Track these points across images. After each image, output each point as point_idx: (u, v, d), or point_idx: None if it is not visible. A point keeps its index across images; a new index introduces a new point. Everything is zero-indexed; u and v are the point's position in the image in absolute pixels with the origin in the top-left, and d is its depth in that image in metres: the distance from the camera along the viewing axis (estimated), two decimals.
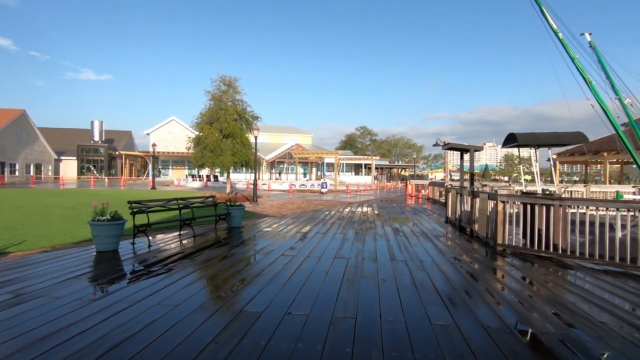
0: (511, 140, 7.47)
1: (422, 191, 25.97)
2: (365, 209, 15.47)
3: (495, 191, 7.06)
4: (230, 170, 46.12)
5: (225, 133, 21.93)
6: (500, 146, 8.21)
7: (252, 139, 24.07)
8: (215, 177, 40.65)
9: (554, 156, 33.48)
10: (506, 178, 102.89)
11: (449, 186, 11.53)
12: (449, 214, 11.11)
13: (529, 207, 6.57)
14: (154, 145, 28.92)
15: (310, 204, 17.40)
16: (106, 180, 40.83)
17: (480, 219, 7.92)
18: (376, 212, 14.18)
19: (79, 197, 18.61)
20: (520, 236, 6.81)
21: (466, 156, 11.24)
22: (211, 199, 9.30)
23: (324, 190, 27.01)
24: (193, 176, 43.69)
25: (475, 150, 9.89)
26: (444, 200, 18.50)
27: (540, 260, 6.22)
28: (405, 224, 10.61)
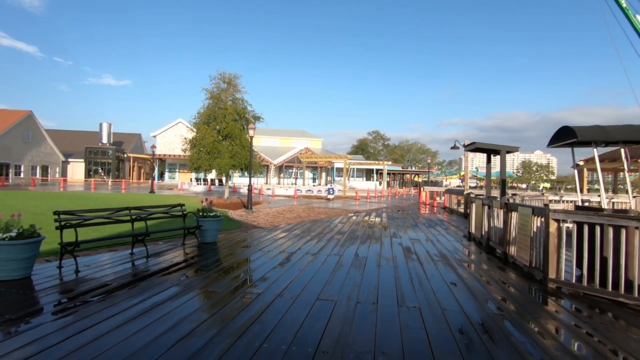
0: (564, 136, 5.52)
1: (437, 199, 23.87)
2: (373, 219, 13.56)
3: (546, 205, 5.11)
4: (237, 174, 44.80)
5: (223, 134, 20.39)
6: (547, 145, 6.28)
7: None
8: (220, 180, 39.26)
9: (581, 162, 30.94)
10: (524, 185, 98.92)
11: (473, 195, 9.55)
12: (473, 230, 9.13)
13: (597, 228, 4.59)
14: (153, 147, 27.71)
15: (312, 212, 15.60)
16: (110, 183, 39.94)
17: (520, 241, 5.96)
18: (385, 223, 12.26)
19: (63, 200, 17.27)
20: (584, 270, 4.83)
21: (494, 160, 9.27)
22: (179, 207, 7.59)
23: (330, 196, 25.18)
24: (198, 180, 42.48)
25: (508, 152, 7.94)
26: (462, 210, 16.43)
27: (619, 309, 4.25)
28: (419, 242, 8.68)
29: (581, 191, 31.11)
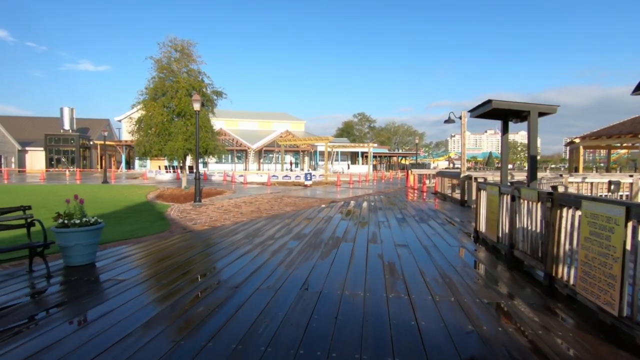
0: None
1: (427, 182, 21.36)
2: (350, 210, 10.86)
3: None
4: (213, 160, 41.42)
5: (176, 111, 17.20)
6: (632, 91, 3.57)
7: (214, 121, 19.42)
8: (191, 168, 35.87)
9: (577, 139, 28.89)
10: (510, 166, 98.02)
11: (481, 180, 6.86)
12: (481, 227, 6.49)
13: None
14: (104, 130, 24.18)
15: (279, 203, 12.80)
16: (68, 173, 36.18)
17: (592, 263, 3.28)
18: (364, 217, 9.56)
19: None
20: None
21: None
22: (22, 212, 4.66)
23: (308, 182, 22.38)
24: (167, 167, 38.99)
25: (542, 114, 5.22)
26: (458, 197, 13.88)
27: None
28: (408, 249, 5.99)
29: (576, 170, 29.07)
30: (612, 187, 9.67)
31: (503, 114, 6.10)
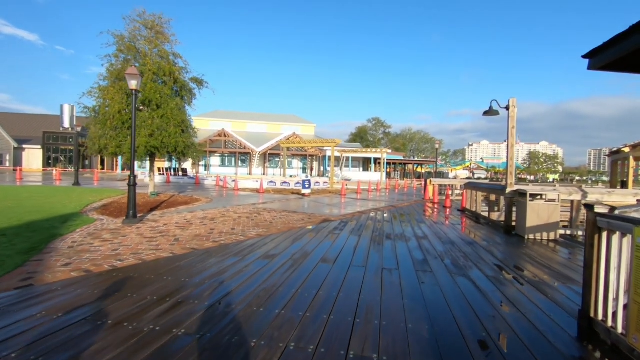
0: None
1: (450, 194, 17.50)
2: (342, 240, 7.22)
3: None
4: (217, 163, 38.41)
5: (140, 100, 13.95)
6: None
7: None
8: (184, 170, 32.81)
9: (627, 149, 24.32)
10: (532, 177, 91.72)
11: (599, 205, 3.09)
12: (611, 319, 2.77)
13: None
14: (78, 126, 21.26)
15: (250, 221, 9.28)
16: (55, 172, 33.72)
17: None
18: (359, 260, 5.90)
19: None
20: None
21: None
22: None
23: (305, 191, 18.79)
24: (160, 169, 36.09)
25: None
26: (497, 217, 10.08)
27: None
28: None
29: (623, 186, 24.18)
30: None
31: None
